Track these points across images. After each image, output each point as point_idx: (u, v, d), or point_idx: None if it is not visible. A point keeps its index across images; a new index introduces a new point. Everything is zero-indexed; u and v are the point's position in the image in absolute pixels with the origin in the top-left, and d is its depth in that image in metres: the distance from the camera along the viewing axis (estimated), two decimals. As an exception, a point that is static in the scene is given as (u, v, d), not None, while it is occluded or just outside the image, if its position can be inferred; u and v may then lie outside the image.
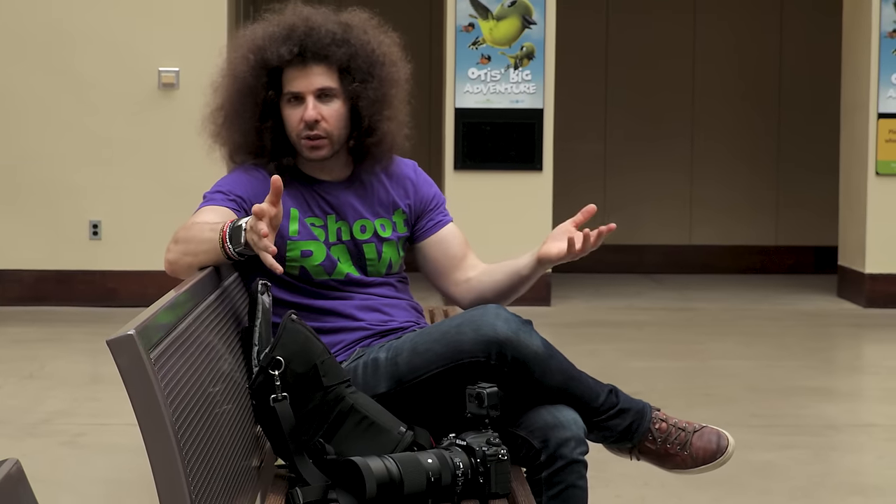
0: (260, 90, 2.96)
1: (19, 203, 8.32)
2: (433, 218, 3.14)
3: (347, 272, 3.01)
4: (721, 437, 2.90)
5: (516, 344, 2.73)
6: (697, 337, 7.71)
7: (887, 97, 8.65)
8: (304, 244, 2.99)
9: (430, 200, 3.15)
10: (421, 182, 3.16)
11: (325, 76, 2.94)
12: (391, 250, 3.07)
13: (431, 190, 3.17)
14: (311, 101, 2.94)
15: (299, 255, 2.97)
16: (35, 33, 8.28)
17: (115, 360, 1.98)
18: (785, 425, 5.46)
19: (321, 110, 2.94)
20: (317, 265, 2.98)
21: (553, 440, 2.76)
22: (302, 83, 2.94)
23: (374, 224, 3.05)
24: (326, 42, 2.93)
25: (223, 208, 2.91)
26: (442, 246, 3.13)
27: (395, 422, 2.67)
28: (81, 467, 4.79)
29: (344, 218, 3.03)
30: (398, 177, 3.13)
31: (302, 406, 2.60)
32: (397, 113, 3.03)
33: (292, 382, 2.59)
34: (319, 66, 2.93)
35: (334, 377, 2.64)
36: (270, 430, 2.61)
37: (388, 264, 3.06)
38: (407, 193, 3.12)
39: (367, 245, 3.04)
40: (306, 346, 2.62)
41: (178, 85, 8.30)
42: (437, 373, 2.77)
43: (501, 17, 8.57)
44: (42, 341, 7.26)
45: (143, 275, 8.29)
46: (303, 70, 2.94)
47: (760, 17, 10.65)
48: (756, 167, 10.70)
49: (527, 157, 8.55)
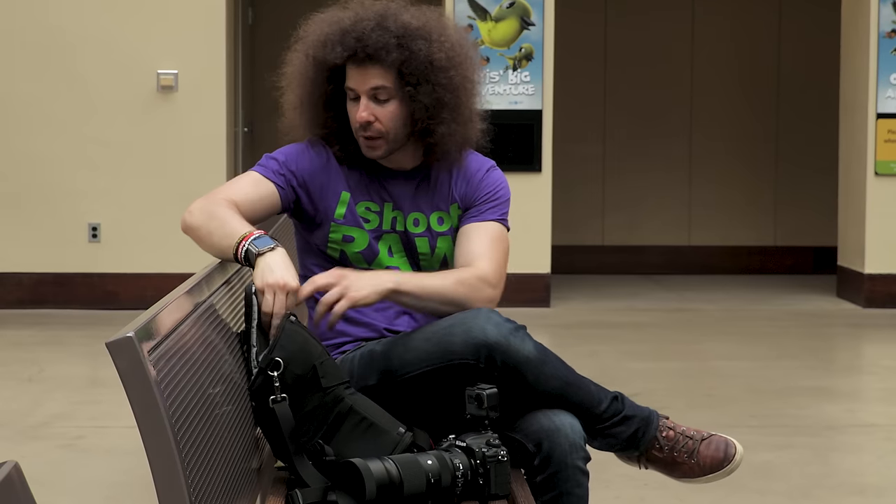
0: (322, 84, 2.97)
1: (18, 206, 8.32)
2: (473, 213, 3.04)
3: (389, 265, 2.99)
4: (729, 445, 2.89)
5: (506, 348, 2.71)
6: (697, 337, 7.71)
7: (886, 97, 8.65)
8: (347, 229, 2.98)
9: (483, 195, 3.05)
10: (487, 178, 3.07)
11: (380, 76, 2.91)
12: (446, 245, 3.02)
13: (492, 186, 3.06)
14: (363, 101, 2.92)
15: (340, 239, 2.97)
16: (34, 36, 8.28)
17: (114, 362, 1.98)
18: (784, 425, 5.46)
19: (375, 111, 2.92)
20: (356, 252, 2.97)
21: (547, 445, 2.75)
22: (357, 81, 2.92)
23: (430, 218, 3.02)
24: (379, 46, 2.89)
25: (267, 182, 2.94)
26: (460, 240, 3.03)
27: (394, 423, 2.67)
28: (81, 470, 4.79)
29: (399, 208, 3.00)
30: (468, 171, 3.07)
31: (301, 407, 2.60)
32: (459, 114, 2.97)
33: (291, 384, 2.59)
34: (375, 66, 2.91)
35: (333, 378, 2.64)
36: (270, 431, 2.61)
37: (442, 259, 3.02)
38: (468, 187, 3.05)
39: (419, 239, 3.01)
40: (305, 347, 2.62)
41: (176, 87, 8.30)
42: (427, 371, 2.76)
43: (500, 18, 8.57)
44: (41, 344, 7.26)
45: (142, 277, 8.29)
46: (360, 68, 2.92)
47: (759, 18, 10.65)
48: (755, 168, 10.70)
49: (526, 158, 8.56)
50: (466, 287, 2.86)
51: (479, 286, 2.88)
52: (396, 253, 3.01)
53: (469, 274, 2.89)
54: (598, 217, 10.64)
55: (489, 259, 2.94)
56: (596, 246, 10.60)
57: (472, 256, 2.95)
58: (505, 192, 3.09)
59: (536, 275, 8.57)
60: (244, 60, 9.12)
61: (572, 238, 10.43)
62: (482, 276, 2.89)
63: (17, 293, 8.33)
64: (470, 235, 3.00)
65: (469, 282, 2.87)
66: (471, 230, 3.01)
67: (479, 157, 3.13)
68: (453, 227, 3.04)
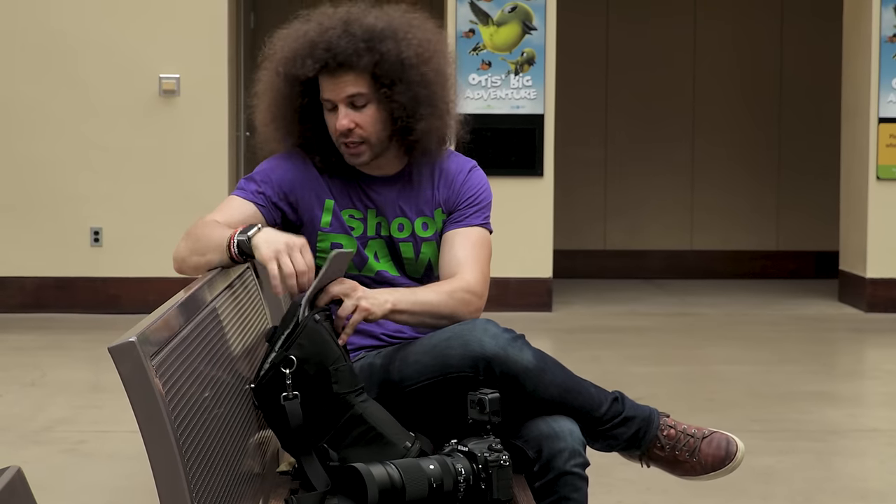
0: (295, 98, 2.95)
1: (20, 210, 8.33)
2: (457, 217, 3.04)
3: (379, 269, 2.99)
4: (730, 442, 2.89)
5: (504, 360, 2.71)
6: (699, 342, 7.70)
7: (888, 101, 8.65)
8: (334, 236, 2.98)
9: (466, 198, 3.05)
10: (469, 179, 3.07)
11: (354, 83, 2.90)
12: (430, 250, 3.03)
13: (475, 189, 3.06)
14: (342, 109, 2.91)
15: (329, 248, 2.96)
16: (36, 40, 8.28)
17: (116, 367, 1.98)
18: (786, 430, 5.46)
19: (354, 117, 2.91)
20: None
21: (546, 450, 2.75)
22: (332, 91, 2.91)
23: (415, 223, 3.01)
24: (349, 52, 2.87)
25: (248, 204, 2.94)
26: (444, 248, 3.02)
27: (403, 435, 2.64)
28: (83, 475, 4.79)
29: (383, 214, 3.00)
30: (450, 174, 3.06)
31: (311, 408, 2.59)
32: (436, 108, 2.95)
33: (302, 384, 2.58)
34: (349, 73, 2.90)
35: (346, 385, 2.62)
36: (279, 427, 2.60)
37: (427, 264, 3.02)
38: (451, 190, 3.05)
39: (403, 244, 3.01)
40: (323, 350, 2.61)
41: (178, 91, 8.31)
42: (426, 384, 2.77)
43: (502, 22, 8.57)
44: (43, 348, 7.26)
45: (144, 281, 8.29)
46: (333, 78, 2.90)
47: (760, 23, 10.66)
48: (757, 172, 10.70)
49: (527, 162, 8.56)
50: (456, 301, 2.87)
51: (468, 299, 2.90)
52: (382, 258, 3.01)
53: (457, 286, 2.90)
54: (600, 221, 10.64)
55: (473, 269, 2.96)
56: (598, 250, 10.60)
57: (457, 265, 2.96)
58: (487, 196, 3.10)
59: (538, 279, 8.57)
60: (246, 65, 9.12)
61: (574, 242, 10.44)
62: (469, 289, 2.91)
63: (20, 297, 8.33)
64: (454, 243, 3.01)
65: (459, 296, 2.88)
66: (454, 237, 3.01)
67: (459, 157, 3.12)
68: (438, 232, 3.04)
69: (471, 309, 2.89)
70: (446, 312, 2.85)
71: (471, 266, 2.96)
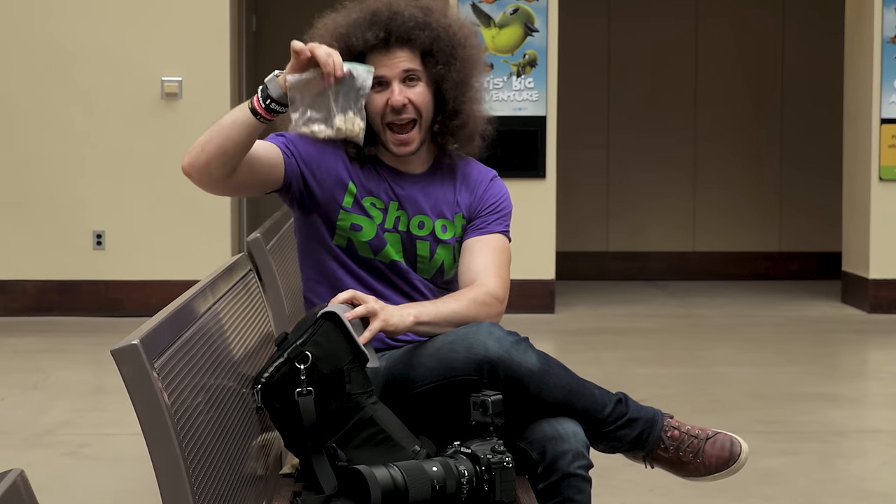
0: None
1: (23, 213, 8.33)
2: (478, 224, 3.04)
3: (394, 259, 2.99)
4: (734, 443, 2.89)
5: (508, 363, 2.71)
6: (701, 343, 7.70)
7: (890, 102, 8.65)
8: (355, 217, 2.97)
9: (489, 205, 3.06)
10: (492, 187, 3.09)
11: (410, 59, 2.94)
12: (446, 253, 3.03)
13: (496, 198, 3.08)
14: (396, 86, 2.93)
15: (348, 227, 2.96)
16: (38, 44, 8.28)
17: (119, 369, 1.98)
18: (789, 432, 5.46)
19: (407, 93, 2.94)
20: (364, 242, 2.97)
21: (550, 452, 2.75)
22: (387, 67, 2.93)
23: (435, 224, 3.02)
24: (410, 26, 2.92)
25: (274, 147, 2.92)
26: (465, 254, 3.02)
27: (411, 440, 2.64)
28: (86, 478, 4.79)
29: (404, 209, 3.00)
30: (472, 180, 3.08)
31: (322, 407, 2.58)
32: (478, 95, 3.02)
33: (316, 381, 2.58)
34: (403, 49, 2.93)
35: (358, 386, 2.62)
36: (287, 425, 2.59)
37: (439, 267, 3.02)
38: (473, 196, 3.06)
39: (420, 242, 3.01)
40: (339, 349, 2.61)
41: (180, 94, 8.31)
42: (431, 387, 2.77)
43: (503, 24, 8.57)
44: (46, 352, 7.26)
45: (147, 284, 8.29)
46: (387, 54, 2.93)
47: (762, 24, 10.65)
48: (759, 173, 10.69)
49: (530, 164, 8.56)
50: (479, 305, 2.88)
51: (492, 303, 2.90)
52: (396, 253, 3.01)
53: (479, 291, 2.90)
54: (602, 223, 10.63)
55: (495, 275, 2.96)
56: (600, 252, 10.60)
57: (478, 271, 2.96)
58: (508, 204, 3.11)
59: (541, 281, 8.57)
60: (248, 67, 9.13)
61: (576, 244, 10.43)
62: (493, 293, 2.91)
63: (22, 301, 8.33)
64: (475, 250, 3.01)
65: (482, 300, 2.89)
66: (476, 244, 3.02)
67: (480, 165, 3.15)
68: (456, 237, 3.04)
69: (492, 313, 2.89)
70: (469, 318, 2.85)
71: (493, 272, 2.96)
